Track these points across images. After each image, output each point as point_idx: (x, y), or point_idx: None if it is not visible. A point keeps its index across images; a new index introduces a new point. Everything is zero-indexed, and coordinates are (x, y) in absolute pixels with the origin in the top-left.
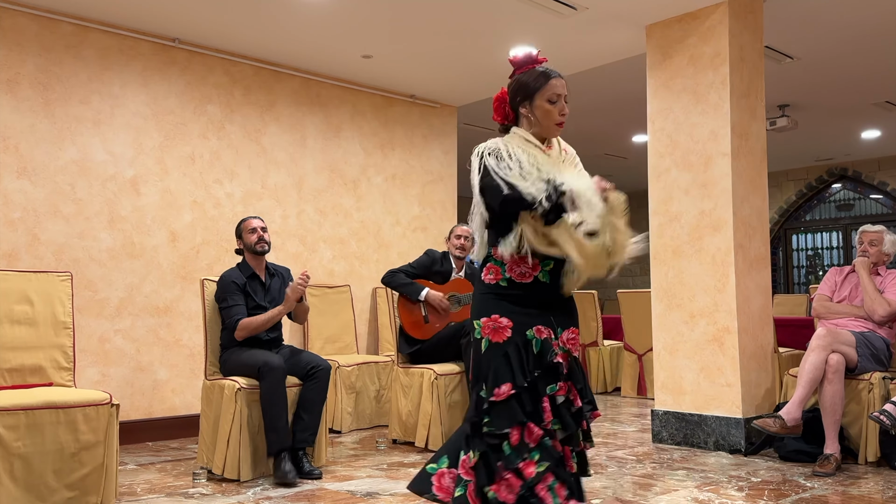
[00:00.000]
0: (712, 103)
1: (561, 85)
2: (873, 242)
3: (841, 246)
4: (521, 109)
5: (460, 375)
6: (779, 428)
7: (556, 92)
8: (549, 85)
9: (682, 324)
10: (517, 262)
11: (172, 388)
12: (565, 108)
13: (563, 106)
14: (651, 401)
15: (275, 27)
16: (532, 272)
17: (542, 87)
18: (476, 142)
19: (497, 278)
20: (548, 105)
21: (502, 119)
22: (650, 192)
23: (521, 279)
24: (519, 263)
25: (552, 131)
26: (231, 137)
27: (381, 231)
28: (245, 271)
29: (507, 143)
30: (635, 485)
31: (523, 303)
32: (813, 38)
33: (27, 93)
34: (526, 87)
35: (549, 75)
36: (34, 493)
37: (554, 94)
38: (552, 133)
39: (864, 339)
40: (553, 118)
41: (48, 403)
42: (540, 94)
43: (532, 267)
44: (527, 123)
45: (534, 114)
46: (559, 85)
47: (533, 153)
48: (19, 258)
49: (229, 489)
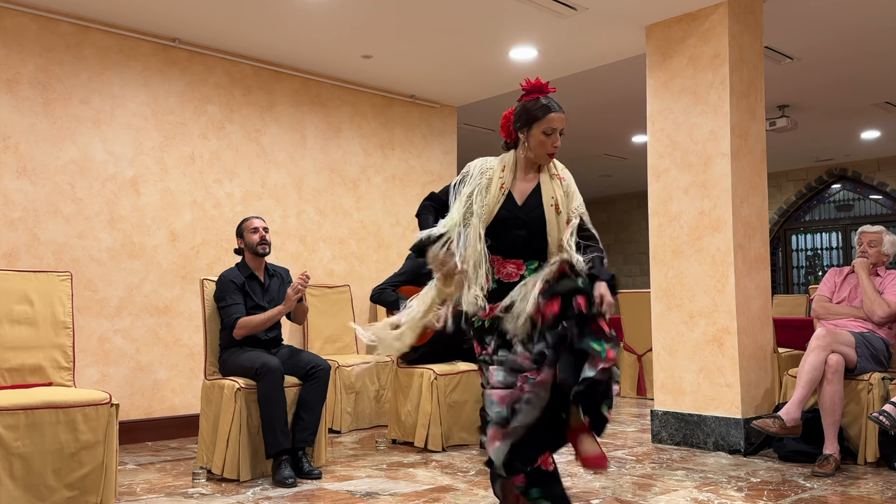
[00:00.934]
0: (712, 104)
1: (559, 119)
2: (872, 243)
3: (840, 246)
4: (519, 134)
5: (459, 376)
6: (778, 428)
7: (552, 126)
8: (546, 118)
9: (682, 324)
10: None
11: (172, 387)
12: (558, 140)
13: (557, 139)
14: (650, 401)
15: (275, 27)
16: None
17: (540, 118)
18: (476, 142)
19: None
20: (542, 136)
21: (507, 137)
22: (650, 192)
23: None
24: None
25: (543, 160)
26: (231, 137)
27: (381, 231)
28: (244, 271)
29: (483, 168)
30: (635, 485)
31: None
32: (813, 39)
33: (27, 92)
34: (527, 115)
35: (549, 109)
36: (34, 493)
37: (549, 128)
38: (543, 161)
39: (864, 340)
40: (546, 149)
41: (48, 403)
42: (538, 125)
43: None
44: (522, 148)
45: (529, 141)
46: (556, 119)
47: (494, 185)
48: (19, 258)
49: (229, 489)
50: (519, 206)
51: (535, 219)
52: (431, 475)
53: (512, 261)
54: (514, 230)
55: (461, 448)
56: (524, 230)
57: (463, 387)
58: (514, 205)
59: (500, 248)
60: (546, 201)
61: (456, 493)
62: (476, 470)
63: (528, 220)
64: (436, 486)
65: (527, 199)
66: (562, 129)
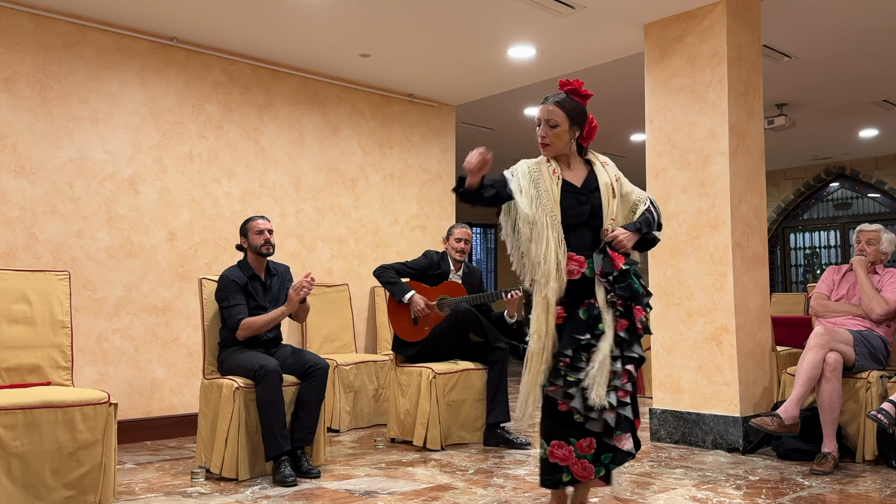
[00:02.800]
0: (710, 102)
1: (541, 109)
2: (871, 241)
3: (839, 245)
4: None
5: (458, 374)
6: (777, 427)
7: (537, 116)
8: (538, 110)
9: (680, 322)
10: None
11: (171, 387)
12: (543, 131)
13: (542, 130)
14: (649, 399)
15: (273, 26)
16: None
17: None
18: (475, 141)
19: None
20: (538, 129)
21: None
22: (648, 190)
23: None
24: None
25: (542, 152)
26: (229, 136)
27: (380, 230)
28: (246, 271)
29: (529, 164)
30: (633, 483)
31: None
32: (811, 37)
33: (25, 91)
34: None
35: (542, 101)
36: (32, 493)
37: (537, 119)
38: (544, 153)
39: (862, 338)
40: (539, 140)
41: (46, 402)
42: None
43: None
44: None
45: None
46: (540, 110)
47: (545, 173)
48: (17, 257)
49: (227, 488)
50: (578, 187)
51: (595, 198)
52: (430, 474)
53: (574, 257)
54: (577, 207)
55: (460, 447)
56: (587, 207)
57: (462, 386)
58: (573, 186)
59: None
60: (602, 184)
61: (455, 491)
62: (475, 468)
63: (591, 198)
64: (434, 484)
65: (584, 182)
66: (548, 119)
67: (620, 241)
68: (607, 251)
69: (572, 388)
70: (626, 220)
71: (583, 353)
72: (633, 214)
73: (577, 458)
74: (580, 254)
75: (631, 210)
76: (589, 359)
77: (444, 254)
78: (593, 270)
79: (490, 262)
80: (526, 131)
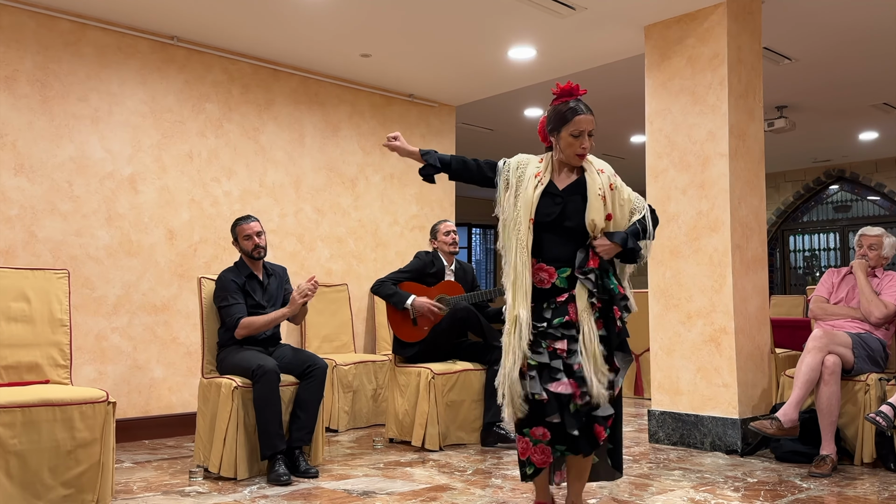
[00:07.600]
0: (710, 104)
1: (586, 121)
2: (873, 246)
3: (838, 247)
4: (551, 137)
5: (457, 375)
6: (775, 430)
7: (580, 128)
8: (574, 121)
9: (679, 324)
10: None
11: (169, 386)
12: (586, 141)
13: (585, 140)
14: (648, 401)
15: (273, 26)
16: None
17: (569, 121)
18: (474, 141)
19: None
20: (570, 138)
21: (544, 141)
22: (648, 192)
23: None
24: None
25: (573, 160)
26: (229, 136)
27: (379, 230)
28: (243, 271)
29: (520, 161)
30: (632, 485)
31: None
32: (811, 40)
33: (25, 90)
34: (556, 118)
35: (576, 111)
36: (30, 491)
37: (577, 130)
38: (573, 161)
39: (861, 341)
40: (574, 150)
41: (45, 401)
42: (566, 128)
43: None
44: (556, 150)
45: (559, 143)
46: (584, 121)
47: (528, 175)
48: (16, 255)
49: (226, 487)
50: (559, 189)
51: (573, 202)
52: (428, 474)
53: (545, 267)
54: (550, 207)
55: (458, 447)
56: (558, 209)
57: (460, 386)
58: (554, 187)
59: (535, 249)
60: (592, 191)
61: (453, 492)
62: (473, 469)
63: (567, 201)
64: (433, 485)
65: (567, 187)
66: (590, 130)
67: (600, 251)
68: (589, 251)
69: (532, 371)
70: (624, 227)
71: (542, 340)
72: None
73: (533, 445)
74: (551, 264)
75: (629, 218)
76: (546, 346)
77: (435, 252)
78: (564, 280)
79: (490, 263)
80: (526, 132)
